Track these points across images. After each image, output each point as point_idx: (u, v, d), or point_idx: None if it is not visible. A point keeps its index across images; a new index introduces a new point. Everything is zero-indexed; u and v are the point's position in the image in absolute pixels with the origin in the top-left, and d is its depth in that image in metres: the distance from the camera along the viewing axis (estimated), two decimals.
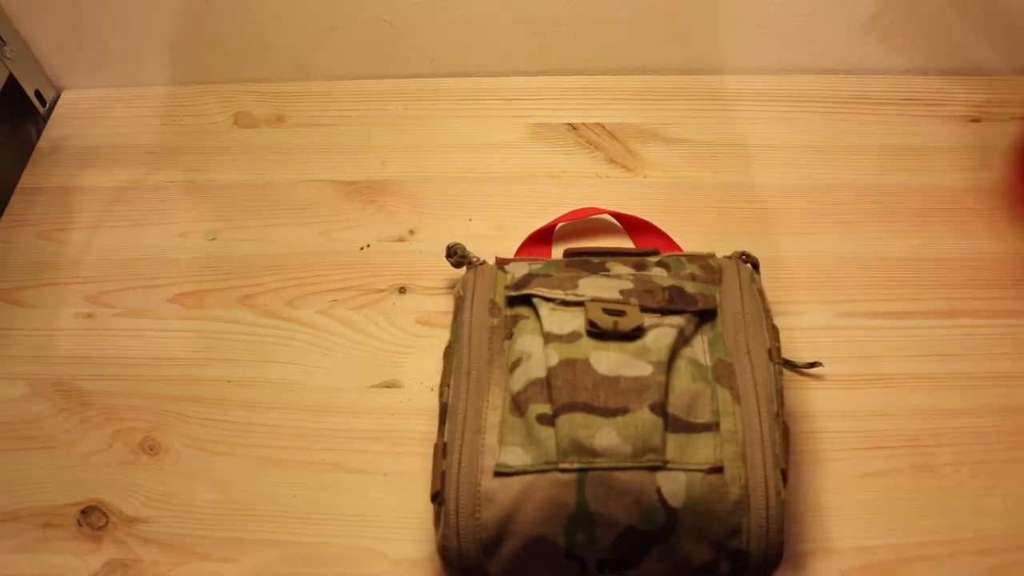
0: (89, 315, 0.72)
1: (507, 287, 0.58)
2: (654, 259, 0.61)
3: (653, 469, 0.49)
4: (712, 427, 0.51)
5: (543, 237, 0.71)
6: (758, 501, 0.49)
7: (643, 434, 0.49)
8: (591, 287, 0.56)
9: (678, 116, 0.81)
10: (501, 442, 0.51)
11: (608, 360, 0.52)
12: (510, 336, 0.55)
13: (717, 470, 0.49)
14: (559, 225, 0.72)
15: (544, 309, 0.55)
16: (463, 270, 0.64)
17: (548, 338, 0.53)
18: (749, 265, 0.62)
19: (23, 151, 0.83)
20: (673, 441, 0.50)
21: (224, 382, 0.67)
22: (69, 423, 0.66)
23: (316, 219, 0.76)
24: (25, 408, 0.67)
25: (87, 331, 0.71)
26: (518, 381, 0.53)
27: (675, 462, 0.49)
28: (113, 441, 0.65)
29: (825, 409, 0.63)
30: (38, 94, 0.86)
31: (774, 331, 0.58)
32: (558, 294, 0.56)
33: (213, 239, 0.75)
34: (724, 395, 0.52)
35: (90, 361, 0.69)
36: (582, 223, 0.73)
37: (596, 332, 0.53)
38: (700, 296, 0.56)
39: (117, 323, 0.71)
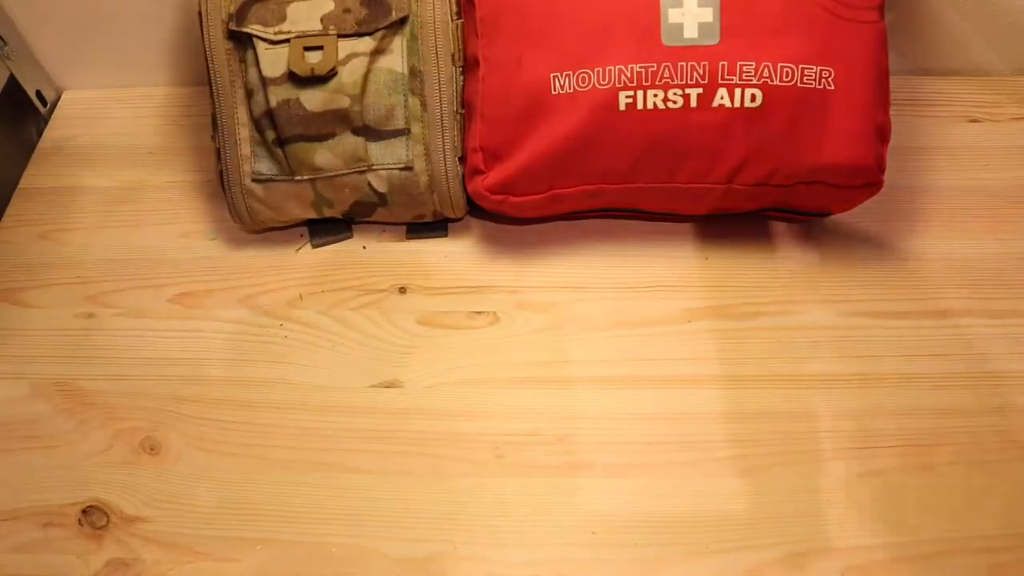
0: (90, 315, 0.72)
1: (230, 16, 0.66)
2: None
3: (362, 172, 0.68)
4: (404, 132, 0.67)
5: None
6: (440, 184, 0.68)
7: (350, 151, 0.67)
8: (297, 15, 0.66)
9: None
10: (253, 154, 0.68)
11: (314, 99, 0.65)
12: (243, 61, 0.67)
13: (408, 168, 0.67)
14: None
15: (260, 48, 0.66)
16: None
17: (265, 82, 0.66)
18: None
19: (24, 151, 0.84)
20: (375, 148, 0.68)
21: (225, 382, 0.67)
22: (70, 423, 0.66)
23: None
24: (26, 408, 0.67)
25: (88, 331, 0.71)
26: (253, 109, 0.68)
27: (378, 164, 0.68)
28: (114, 441, 0.65)
29: (825, 408, 0.63)
30: (39, 94, 0.86)
31: (459, 31, 0.68)
32: (270, 33, 0.65)
33: (213, 239, 0.75)
34: (415, 104, 0.67)
35: (91, 361, 0.69)
36: None
37: (298, 78, 0.65)
38: (395, 3, 0.66)
39: (118, 323, 0.71)
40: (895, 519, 0.59)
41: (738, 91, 0.62)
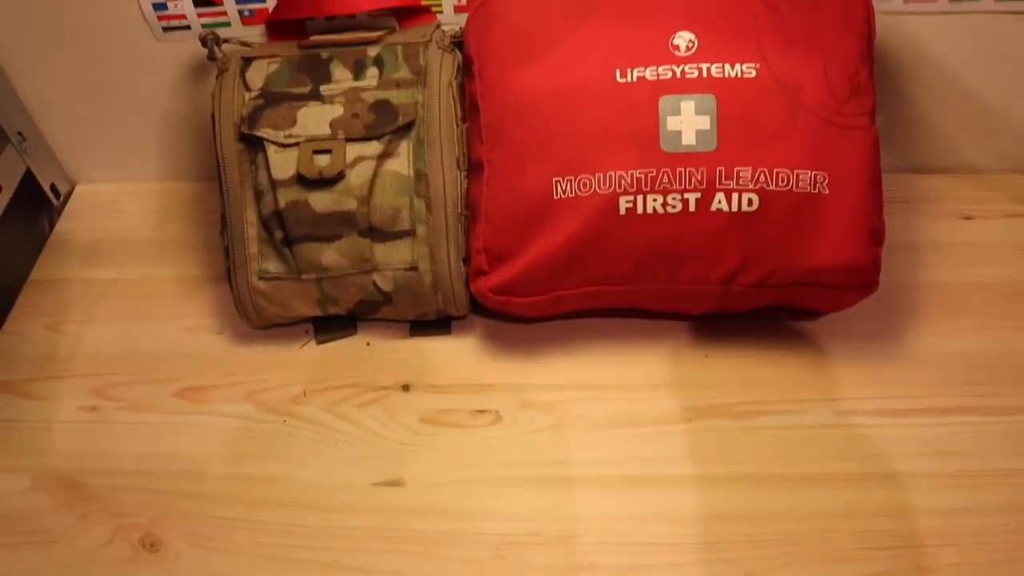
0: (94, 408, 0.72)
1: (242, 119, 0.69)
2: (373, 52, 0.71)
3: (368, 272, 0.69)
4: (409, 233, 0.69)
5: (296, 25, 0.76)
6: (444, 284, 0.70)
7: (356, 251, 0.69)
8: (307, 120, 0.68)
9: None
10: (260, 253, 0.70)
11: (322, 201, 0.68)
12: (253, 162, 0.69)
13: (413, 268, 0.69)
14: None
15: (270, 151, 0.68)
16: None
17: (275, 183, 0.68)
18: (456, 54, 0.71)
19: (36, 243, 0.85)
20: (380, 249, 0.69)
21: (227, 478, 0.67)
22: (70, 518, 0.66)
23: None
24: (27, 502, 0.67)
25: (92, 424, 0.71)
26: (262, 210, 0.70)
27: (383, 264, 0.70)
28: (113, 537, 0.64)
29: (827, 509, 0.63)
30: (53, 187, 0.89)
31: (463, 135, 0.70)
32: (280, 136, 0.68)
33: (219, 334, 0.76)
34: (420, 206, 0.69)
35: (93, 455, 0.69)
36: None
37: (307, 180, 0.67)
38: (402, 108, 0.69)
39: (122, 417, 0.71)
40: None
41: (735, 196, 0.64)
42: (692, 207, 0.64)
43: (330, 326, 0.75)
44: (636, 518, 0.64)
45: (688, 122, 0.64)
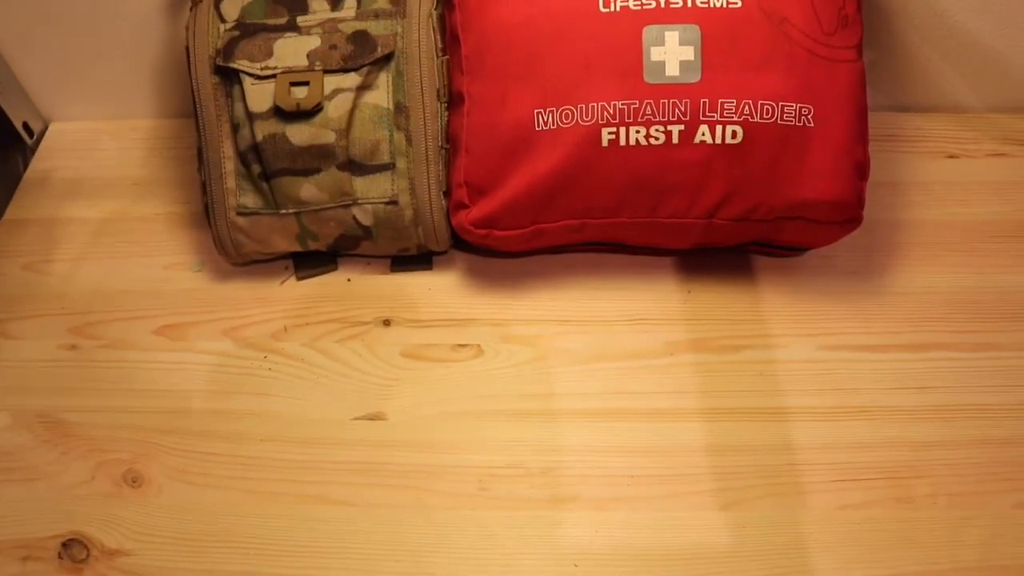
0: (73, 346, 0.72)
1: (217, 52, 0.67)
2: None
3: (347, 206, 0.69)
4: (389, 167, 0.68)
5: None
6: (425, 218, 0.69)
7: (335, 185, 0.68)
8: (284, 52, 0.67)
9: None
10: (238, 188, 0.69)
11: (300, 133, 0.66)
12: (229, 96, 0.68)
13: (393, 202, 0.68)
14: None
15: (247, 83, 0.67)
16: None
17: (251, 116, 0.67)
18: None
19: (10, 183, 0.84)
20: (360, 182, 0.68)
21: (208, 414, 0.67)
22: (51, 455, 0.66)
23: None
24: (7, 440, 0.67)
25: (71, 362, 0.71)
26: (239, 143, 0.68)
27: (363, 198, 0.69)
28: (96, 473, 0.65)
29: (806, 441, 0.64)
30: (26, 126, 0.87)
31: (444, 67, 0.69)
32: (256, 68, 0.66)
33: (198, 271, 0.76)
34: (400, 139, 0.68)
35: (74, 392, 0.69)
36: None
37: (284, 113, 0.66)
38: (381, 39, 0.67)
39: (101, 355, 0.71)
40: (875, 552, 0.59)
41: (719, 128, 0.64)
42: (675, 139, 0.64)
43: (310, 262, 0.75)
44: (618, 450, 0.64)
45: (672, 52, 0.63)
